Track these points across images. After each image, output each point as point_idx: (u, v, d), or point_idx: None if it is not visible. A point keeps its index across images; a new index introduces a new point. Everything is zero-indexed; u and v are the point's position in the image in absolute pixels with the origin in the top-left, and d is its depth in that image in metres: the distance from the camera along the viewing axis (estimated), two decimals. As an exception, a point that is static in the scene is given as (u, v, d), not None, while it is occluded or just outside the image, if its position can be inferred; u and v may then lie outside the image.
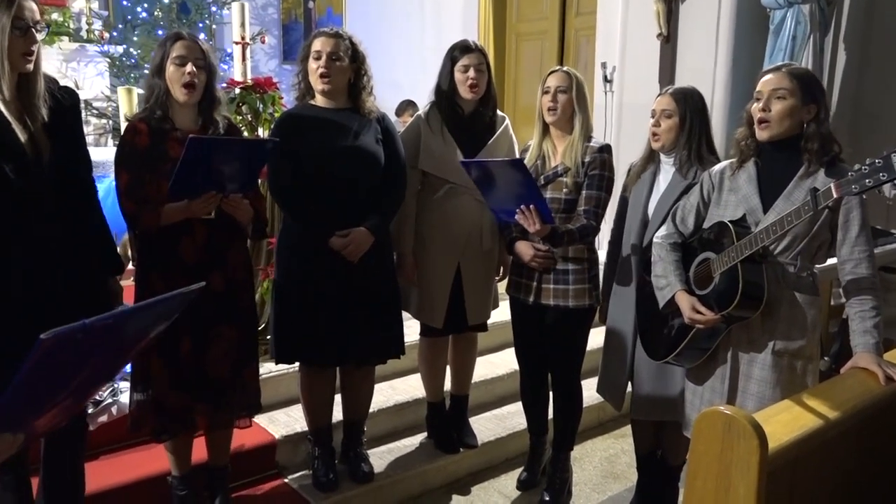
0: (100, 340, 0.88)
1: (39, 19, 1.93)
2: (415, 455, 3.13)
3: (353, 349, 2.68)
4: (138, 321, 0.96)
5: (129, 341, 0.97)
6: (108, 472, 2.63)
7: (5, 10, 1.83)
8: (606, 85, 4.95)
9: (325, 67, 2.55)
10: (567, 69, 2.72)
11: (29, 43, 1.89)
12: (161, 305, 0.96)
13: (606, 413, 3.62)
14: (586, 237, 2.66)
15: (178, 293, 0.96)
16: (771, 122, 2.06)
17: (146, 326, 0.99)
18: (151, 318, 0.98)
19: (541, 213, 2.48)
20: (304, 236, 2.60)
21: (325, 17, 7.89)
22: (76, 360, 0.86)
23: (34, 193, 1.92)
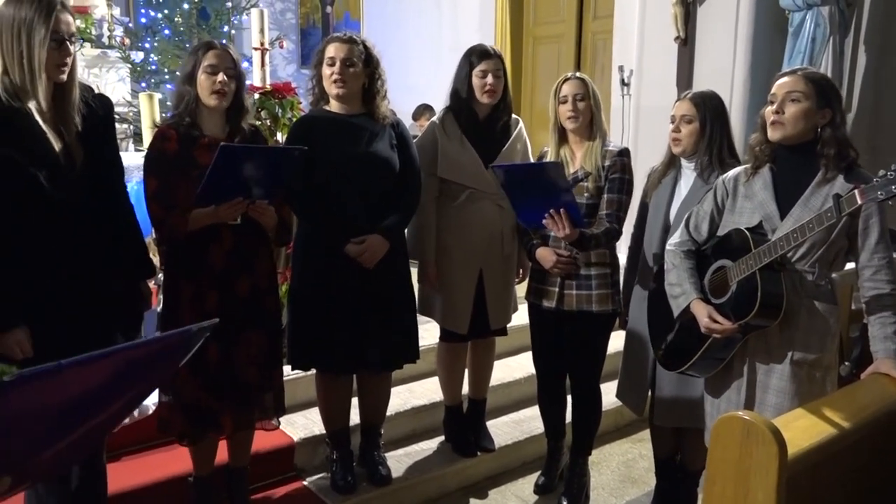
0: (75, 384, 0.84)
1: (74, 31, 1.97)
2: (432, 458, 3.14)
3: (368, 356, 2.68)
4: (120, 363, 0.87)
5: (119, 386, 0.89)
6: (130, 473, 2.66)
7: (43, 24, 1.87)
8: (623, 88, 4.93)
9: (339, 73, 2.57)
10: (580, 75, 2.73)
11: (64, 55, 1.93)
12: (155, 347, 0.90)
13: (624, 417, 3.61)
14: (611, 241, 2.67)
15: (185, 330, 0.90)
16: (784, 123, 2.04)
17: (138, 371, 0.90)
18: (143, 361, 0.91)
19: (571, 217, 2.48)
20: (319, 242, 2.62)
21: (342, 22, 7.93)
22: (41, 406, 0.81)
23: (68, 201, 1.96)
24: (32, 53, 1.88)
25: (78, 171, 2.00)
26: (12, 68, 1.90)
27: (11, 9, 1.90)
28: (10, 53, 1.89)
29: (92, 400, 0.89)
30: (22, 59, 1.88)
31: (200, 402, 2.39)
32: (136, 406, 1.02)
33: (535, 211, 2.54)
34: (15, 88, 1.90)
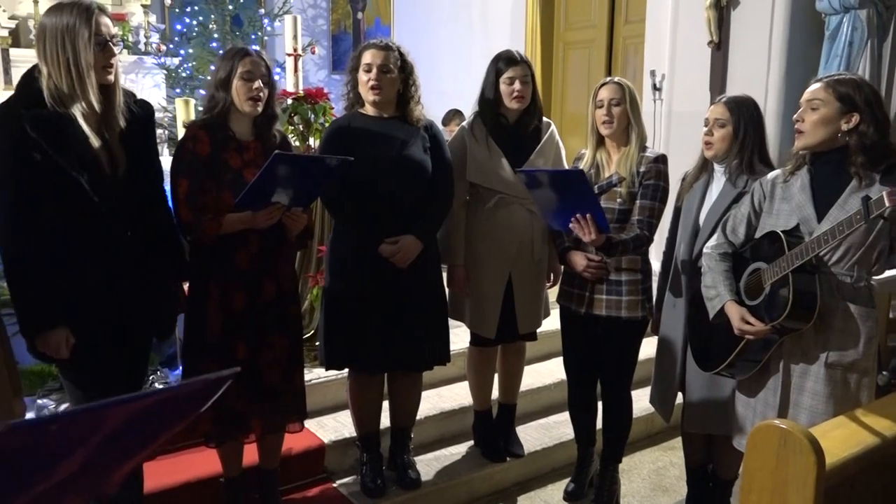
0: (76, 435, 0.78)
1: (115, 33, 2.02)
2: (461, 463, 3.14)
3: (401, 356, 2.71)
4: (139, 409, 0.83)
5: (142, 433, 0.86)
6: (163, 472, 2.70)
7: (85, 27, 1.92)
8: (655, 93, 4.90)
9: (376, 80, 2.59)
10: (618, 80, 2.70)
11: (108, 56, 1.99)
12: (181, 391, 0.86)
13: (655, 425, 3.57)
14: (640, 247, 2.65)
15: (205, 378, 0.87)
16: (804, 132, 2.06)
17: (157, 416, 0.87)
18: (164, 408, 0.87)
19: (597, 223, 2.47)
20: (354, 244, 2.64)
21: (373, 28, 7.99)
22: (40, 455, 0.77)
23: (110, 204, 2.00)
24: (79, 57, 1.93)
25: (120, 175, 2.04)
26: (58, 75, 1.95)
27: (53, 18, 1.96)
28: (56, 61, 1.94)
29: (116, 445, 0.85)
30: (69, 64, 1.93)
31: (226, 404, 2.42)
32: (158, 444, 0.98)
33: (562, 215, 2.54)
34: (61, 95, 1.95)
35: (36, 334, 1.99)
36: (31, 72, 2.02)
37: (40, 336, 1.99)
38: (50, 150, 1.91)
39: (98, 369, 2.08)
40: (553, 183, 2.54)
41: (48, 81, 1.96)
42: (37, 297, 1.97)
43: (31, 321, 1.99)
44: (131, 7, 6.66)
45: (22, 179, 1.93)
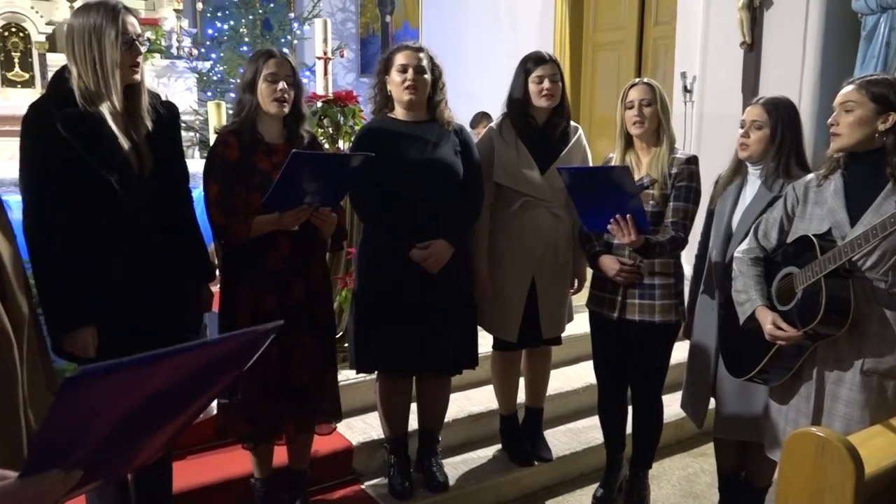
0: (139, 381, 0.82)
1: (141, 33, 2.05)
2: (489, 466, 3.13)
3: (430, 359, 2.71)
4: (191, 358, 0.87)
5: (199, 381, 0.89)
6: (194, 472, 2.73)
7: (112, 25, 1.96)
8: (686, 95, 4.85)
9: (413, 80, 2.60)
10: (648, 80, 2.68)
11: (135, 55, 2.02)
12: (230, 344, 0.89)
13: (685, 430, 3.53)
14: (676, 249, 2.62)
15: (252, 331, 0.91)
16: (840, 134, 2.03)
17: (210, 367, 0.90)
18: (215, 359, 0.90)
19: (637, 224, 2.45)
20: (384, 247, 2.65)
21: (401, 31, 8.01)
22: (111, 399, 0.81)
23: (137, 204, 2.03)
24: (104, 56, 1.96)
25: (147, 175, 2.07)
26: (86, 74, 1.98)
27: (80, 18, 2.00)
28: (84, 60, 1.98)
29: (166, 398, 0.89)
30: (95, 63, 1.97)
31: (260, 407, 2.44)
32: (204, 408, 1.03)
33: (600, 216, 2.51)
34: (90, 94, 1.98)
35: (63, 333, 2.02)
36: (61, 72, 2.06)
37: (68, 335, 2.01)
38: (81, 148, 1.94)
39: None
40: (595, 180, 2.52)
41: (78, 81, 1.99)
42: (65, 297, 1.99)
43: (59, 320, 2.01)
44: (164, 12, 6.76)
45: (52, 179, 1.96)
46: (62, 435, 0.77)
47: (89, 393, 0.75)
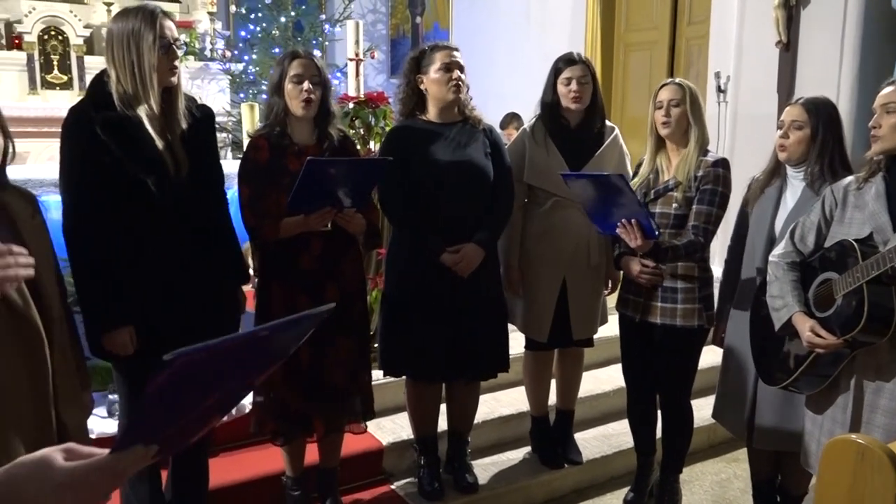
0: (224, 361, 0.89)
1: (178, 37, 2.09)
2: (518, 468, 3.13)
3: (460, 365, 2.70)
4: (266, 342, 0.95)
5: (262, 360, 0.97)
6: (227, 469, 2.76)
7: (150, 29, 1.99)
8: (720, 95, 4.79)
9: (458, 78, 2.61)
10: (679, 81, 2.65)
11: (172, 58, 2.05)
12: (292, 327, 0.96)
13: (717, 435, 3.48)
14: (692, 254, 2.57)
15: (309, 314, 0.97)
16: (881, 136, 1.98)
17: (274, 348, 0.98)
18: (282, 339, 0.98)
19: (643, 228, 2.42)
20: (414, 249, 2.66)
21: (431, 32, 8.02)
22: (203, 379, 0.88)
23: (173, 206, 2.06)
24: (142, 60, 2.00)
25: (183, 177, 2.10)
26: (124, 77, 2.02)
27: (119, 23, 2.04)
28: (122, 64, 2.02)
29: (236, 376, 0.96)
30: (133, 66, 2.00)
31: (292, 404, 2.46)
32: (252, 388, 1.11)
33: (609, 220, 2.51)
34: (128, 97, 2.02)
35: (102, 333, 2.05)
36: (100, 76, 2.10)
37: (106, 334, 2.05)
38: (119, 151, 1.98)
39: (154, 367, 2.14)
40: (595, 188, 2.50)
41: (116, 85, 2.03)
42: (103, 297, 2.03)
43: (98, 320, 2.05)
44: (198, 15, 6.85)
45: (91, 180, 2.00)
46: (152, 414, 0.84)
47: (184, 374, 0.81)
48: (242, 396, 1.25)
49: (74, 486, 0.80)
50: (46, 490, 0.79)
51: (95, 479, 0.81)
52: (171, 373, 0.79)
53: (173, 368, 0.79)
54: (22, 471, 0.80)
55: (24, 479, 0.79)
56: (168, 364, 0.78)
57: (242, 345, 0.91)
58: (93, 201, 2.01)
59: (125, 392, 2.23)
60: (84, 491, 0.80)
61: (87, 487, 0.80)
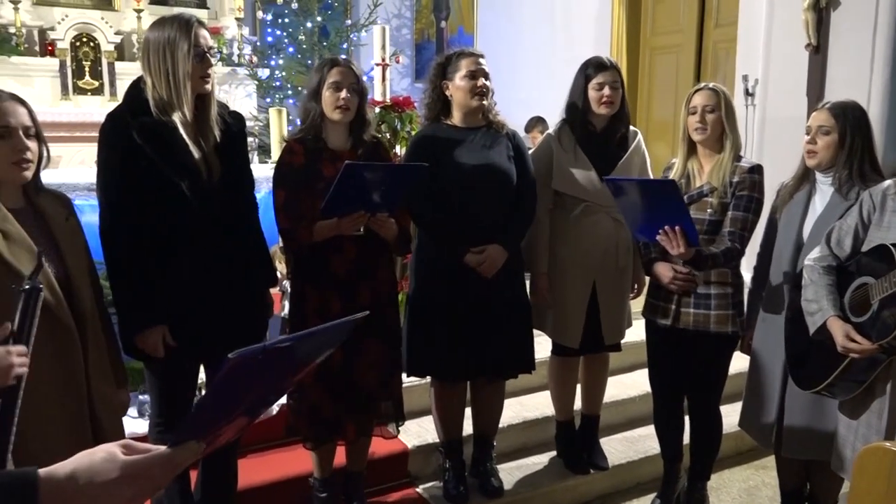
0: (276, 362, 0.94)
1: (212, 45, 2.12)
2: (544, 473, 3.12)
3: (484, 364, 2.71)
4: (309, 345, 1.01)
5: (298, 365, 1.03)
6: (255, 470, 2.79)
7: (185, 38, 2.04)
8: (748, 99, 4.74)
9: (483, 85, 2.62)
10: (714, 86, 2.63)
11: (206, 66, 2.09)
12: (331, 331, 1.02)
13: (745, 442, 3.44)
14: (730, 261, 2.55)
15: (346, 320, 1.02)
16: None
17: (314, 351, 1.04)
18: (321, 343, 1.04)
19: (686, 235, 2.40)
20: (438, 252, 2.67)
21: (456, 36, 8.04)
22: (253, 379, 0.93)
23: (206, 210, 2.09)
24: (177, 67, 2.04)
25: (215, 182, 2.13)
26: (160, 84, 2.06)
27: (156, 32, 2.09)
28: (158, 71, 2.06)
29: (282, 376, 1.03)
30: (168, 74, 2.05)
31: (323, 408, 2.48)
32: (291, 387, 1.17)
33: (649, 226, 2.48)
34: (163, 103, 2.07)
35: (135, 333, 2.10)
36: (136, 82, 2.15)
37: (139, 335, 2.09)
38: (154, 156, 2.02)
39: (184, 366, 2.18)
40: (642, 193, 2.48)
41: (152, 91, 2.07)
42: (137, 298, 2.08)
43: (131, 320, 2.10)
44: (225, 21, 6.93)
45: (127, 184, 2.05)
46: (209, 411, 0.90)
47: (240, 372, 0.87)
48: (274, 401, 1.29)
49: (136, 477, 0.86)
50: (112, 480, 0.85)
51: (154, 472, 0.88)
52: (230, 371, 0.84)
53: (232, 367, 0.84)
54: (92, 462, 0.86)
55: (96, 471, 0.85)
56: (228, 363, 0.83)
57: (293, 346, 0.96)
58: (128, 204, 2.05)
59: (156, 391, 2.27)
60: (144, 482, 0.87)
61: (147, 479, 0.87)
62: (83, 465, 0.86)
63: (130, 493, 0.86)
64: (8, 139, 1.72)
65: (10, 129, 1.72)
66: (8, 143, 1.73)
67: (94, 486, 0.85)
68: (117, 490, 0.85)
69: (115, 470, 0.86)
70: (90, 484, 0.85)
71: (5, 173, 1.74)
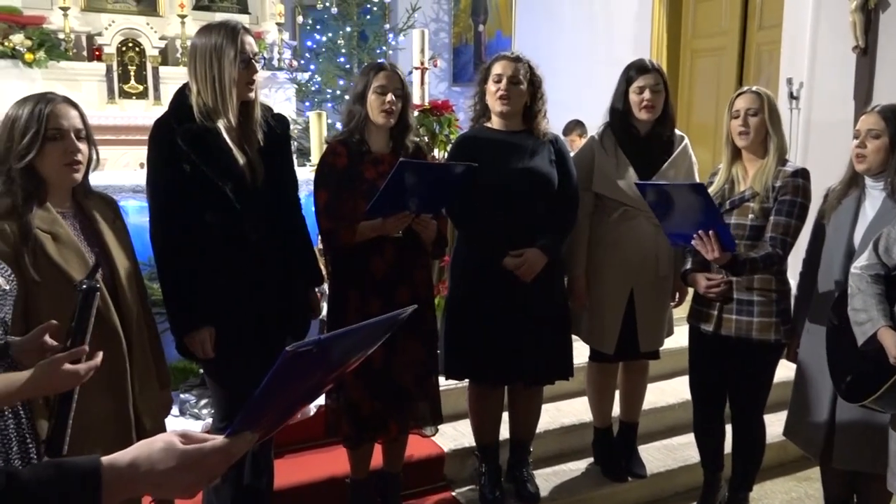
0: (326, 356, 0.96)
1: (257, 51, 2.15)
2: (581, 480, 3.09)
3: (522, 369, 2.70)
4: (359, 339, 1.04)
5: (347, 359, 1.05)
6: (292, 470, 2.82)
7: (232, 44, 2.07)
8: (792, 102, 4.65)
9: (505, 90, 2.60)
10: (757, 89, 2.58)
11: (251, 72, 2.12)
12: (380, 325, 1.03)
13: (788, 453, 3.37)
14: (770, 266, 2.49)
15: (395, 314, 1.04)
16: None
17: (363, 345, 1.06)
18: (369, 337, 1.06)
19: (721, 240, 2.36)
20: (478, 255, 2.66)
21: (494, 40, 8.03)
22: (305, 372, 0.95)
23: (250, 213, 2.13)
24: (223, 74, 2.07)
25: (259, 185, 2.16)
26: (205, 91, 2.10)
27: (203, 38, 2.13)
28: (204, 77, 2.10)
29: (330, 370, 1.05)
30: (214, 81, 2.08)
31: (363, 407, 2.49)
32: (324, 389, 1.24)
33: (684, 231, 2.45)
34: (207, 109, 2.10)
35: (184, 333, 2.13)
36: (182, 89, 2.19)
37: (188, 335, 2.13)
38: (199, 161, 2.06)
39: (238, 369, 2.20)
40: (673, 197, 2.45)
41: (197, 98, 2.11)
42: (186, 299, 2.12)
43: (181, 321, 2.14)
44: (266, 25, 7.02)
45: (174, 188, 2.09)
46: (263, 404, 0.93)
47: (294, 366, 0.89)
48: (316, 397, 1.31)
49: (194, 465, 0.90)
50: (171, 468, 0.88)
51: (211, 462, 0.91)
52: (285, 364, 0.86)
53: (288, 360, 0.85)
54: (151, 451, 0.89)
55: (156, 460, 0.89)
56: (284, 355, 0.85)
57: (345, 340, 0.99)
58: (175, 208, 2.09)
59: (217, 395, 2.30)
60: (201, 471, 0.90)
61: (205, 468, 0.91)
62: (143, 454, 0.89)
63: (188, 481, 0.90)
64: (60, 141, 1.76)
65: (62, 132, 1.76)
66: (60, 145, 1.77)
67: (154, 474, 0.88)
68: (176, 478, 0.89)
69: (173, 458, 0.89)
70: (150, 472, 0.88)
71: (57, 175, 1.79)
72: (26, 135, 1.73)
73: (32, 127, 1.73)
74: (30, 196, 1.75)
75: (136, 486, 0.88)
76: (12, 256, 1.69)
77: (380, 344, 2.43)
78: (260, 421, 0.95)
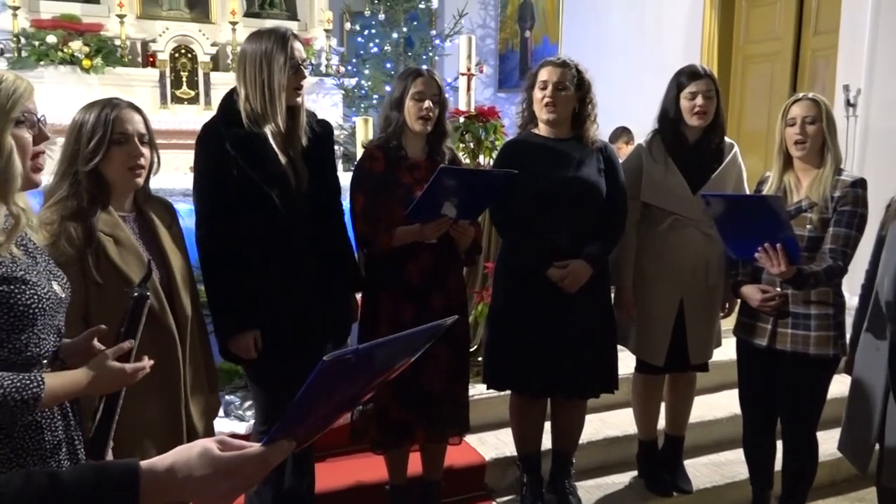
0: (366, 365, 0.96)
1: (306, 57, 2.17)
2: (624, 493, 3.04)
3: (565, 380, 2.65)
4: (397, 349, 1.02)
5: (385, 368, 1.05)
6: (333, 475, 2.83)
7: (282, 51, 2.09)
8: (849, 109, 4.51)
9: (551, 97, 2.57)
10: (814, 96, 2.51)
11: (300, 78, 2.15)
12: (419, 335, 1.02)
13: (842, 471, 3.26)
14: (833, 279, 2.42)
15: (436, 325, 1.01)
16: None
17: (400, 355, 1.05)
18: (408, 347, 1.05)
19: (788, 253, 2.29)
20: (522, 264, 2.64)
21: (541, 46, 7.99)
22: (343, 381, 0.95)
23: (295, 217, 2.14)
24: (273, 79, 2.10)
25: (303, 190, 2.18)
26: (254, 96, 2.12)
27: (253, 44, 2.15)
28: (253, 83, 2.12)
29: (368, 379, 1.04)
30: (263, 86, 2.11)
31: (391, 413, 2.49)
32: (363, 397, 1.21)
33: (747, 244, 2.38)
34: (255, 115, 2.13)
35: (229, 336, 2.16)
36: (230, 94, 2.22)
37: (233, 338, 2.15)
38: (246, 166, 2.09)
39: (280, 372, 2.22)
40: (743, 209, 2.38)
41: (245, 103, 2.14)
42: (231, 302, 2.14)
43: (226, 324, 2.16)
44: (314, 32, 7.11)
45: (220, 192, 2.12)
46: (301, 412, 0.93)
47: (333, 375, 0.89)
48: (355, 406, 1.31)
49: (231, 473, 0.89)
50: (208, 475, 0.89)
51: (248, 470, 0.90)
52: (323, 373, 0.86)
53: (325, 369, 0.85)
54: (189, 457, 0.89)
55: (193, 466, 0.89)
56: (322, 364, 0.85)
57: (383, 350, 0.98)
58: (222, 212, 2.12)
59: (265, 397, 2.31)
60: (238, 478, 0.90)
61: (241, 475, 0.90)
62: (181, 460, 0.89)
63: (225, 488, 0.89)
64: (125, 145, 1.80)
65: (127, 136, 1.80)
66: (124, 149, 1.81)
67: (192, 481, 0.88)
68: (213, 485, 0.89)
69: (210, 465, 0.89)
70: (188, 478, 0.88)
71: (121, 179, 1.83)
72: (93, 139, 1.77)
73: (99, 131, 1.77)
74: (94, 199, 1.79)
75: (174, 491, 0.88)
76: (76, 258, 1.73)
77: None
78: (297, 429, 0.95)
